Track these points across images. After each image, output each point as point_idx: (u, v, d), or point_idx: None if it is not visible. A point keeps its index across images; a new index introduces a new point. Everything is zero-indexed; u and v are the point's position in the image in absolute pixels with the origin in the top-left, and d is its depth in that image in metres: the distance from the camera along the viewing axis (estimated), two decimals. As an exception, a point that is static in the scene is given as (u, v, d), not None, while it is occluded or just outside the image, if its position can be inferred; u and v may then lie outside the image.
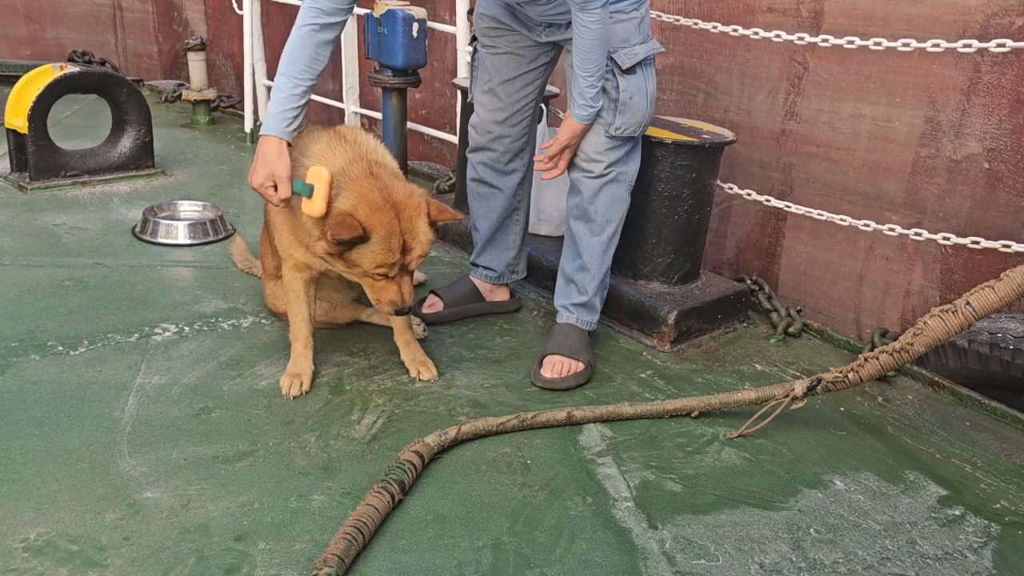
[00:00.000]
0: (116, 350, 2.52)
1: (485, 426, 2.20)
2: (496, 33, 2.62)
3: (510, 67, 2.62)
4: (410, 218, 2.20)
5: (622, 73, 2.42)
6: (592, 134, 2.48)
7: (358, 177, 2.21)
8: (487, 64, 2.67)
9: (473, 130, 2.75)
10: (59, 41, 6.99)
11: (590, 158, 2.50)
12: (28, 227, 3.46)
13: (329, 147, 2.31)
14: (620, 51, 2.40)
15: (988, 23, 3.08)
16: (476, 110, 2.74)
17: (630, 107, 2.44)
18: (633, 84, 2.44)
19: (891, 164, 3.42)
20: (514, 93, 2.65)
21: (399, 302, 2.23)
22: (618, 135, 2.47)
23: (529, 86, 2.64)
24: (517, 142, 2.72)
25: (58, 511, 1.84)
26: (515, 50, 2.59)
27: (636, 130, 2.49)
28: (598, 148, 2.48)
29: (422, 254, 2.24)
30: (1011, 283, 2.08)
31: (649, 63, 2.49)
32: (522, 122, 2.69)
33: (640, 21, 2.44)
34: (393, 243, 2.17)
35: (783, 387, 2.29)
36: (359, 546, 1.75)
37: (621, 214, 2.60)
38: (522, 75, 2.63)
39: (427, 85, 4.86)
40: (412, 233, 2.20)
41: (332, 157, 2.28)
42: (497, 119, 2.68)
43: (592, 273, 2.63)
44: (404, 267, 2.22)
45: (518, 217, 2.86)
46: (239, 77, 5.95)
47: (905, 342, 2.19)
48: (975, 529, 2.00)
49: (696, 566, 1.81)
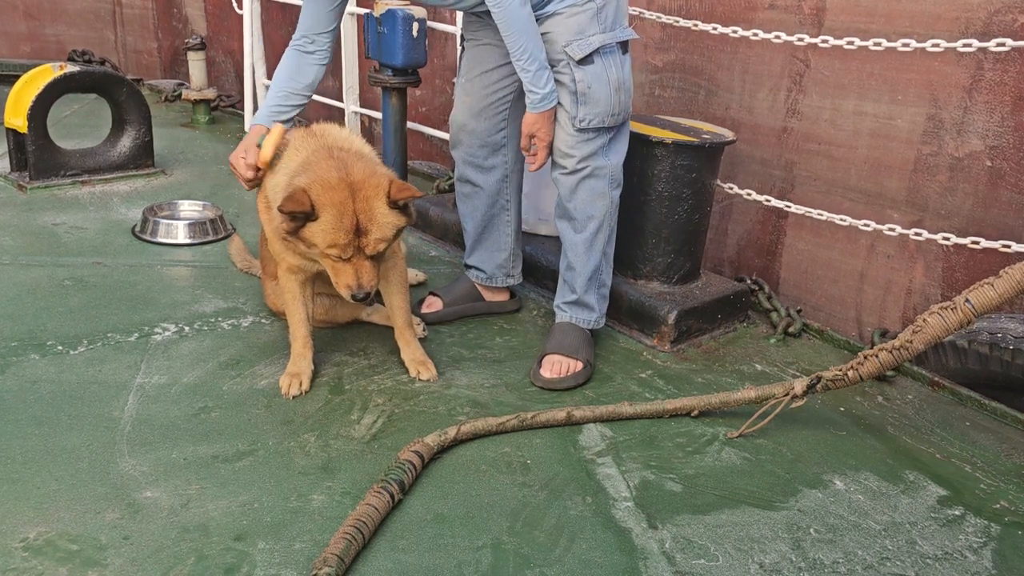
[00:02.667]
0: (116, 350, 2.52)
1: (485, 426, 2.20)
2: (476, 27, 2.62)
3: (489, 59, 2.61)
4: (367, 198, 2.14)
5: (577, 64, 2.40)
6: (560, 129, 2.47)
7: (318, 160, 2.21)
8: (468, 56, 2.67)
9: (451, 124, 2.75)
10: (58, 38, 6.99)
11: (563, 153, 2.49)
12: (28, 227, 3.46)
13: (295, 144, 2.33)
14: (573, 43, 2.39)
15: (991, 20, 3.07)
16: (454, 103, 2.74)
17: (590, 97, 2.42)
18: (591, 74, 2.41)
19: (893, 161, 3.41)
20: (490, 85, 2.63)
21: (354, 287, 2.17)
22: (585, 127, 2.45)
23: (505, 79, 2.61)
24: (493, 136, 2.68)
25: (58, 511, 1.84)
26: (494, 42, 2.56)
27: (604, 120, 2.46)
28: (568, 142, 2.47)
29: (381, 237, 2.17)
30: (1010, 280, 2.07)
31: (610, 51, 2.44)
32: (497, 116, 2.66)
33: (597, 12, 2.40)
34: (345, 222, 2.12)
35: (783, 386, 2.29)
36: (359, 546, 1.75)
37: (604, 210, 2.56)
38: (499, 67, 2.60)
39: (427, 82, 4.85)
40: (368, 214, 2.14)
41: (297, 152, 2.30)
42: (472, 111, 2.67)
43: (578, 271, 2.62)
44: (360, 250, 2.16)
45: (507, 218, 2.82)
46: (239, 74, 5.95)
47: (905, 340, 2.18)
48: (975, 529, 1.99)
49: (696, 566, 1.81)
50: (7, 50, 6.74)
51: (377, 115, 4.28)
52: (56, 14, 6.98)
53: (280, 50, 2.64)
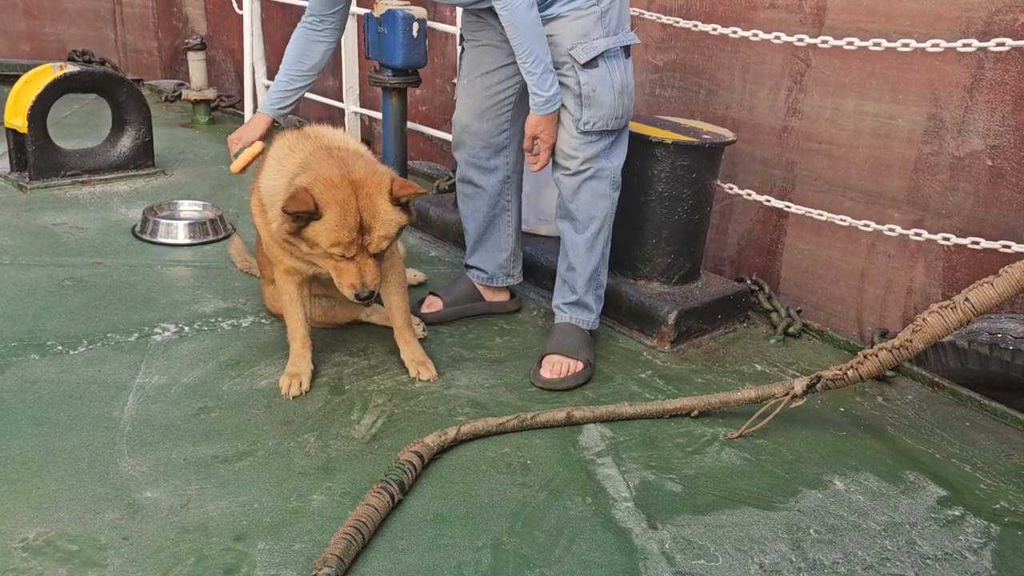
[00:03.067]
0: (116, 350, 2.52)
1: (485, 426, 2.20)
2: (476, 27, 2.62)
3: (489, 59, 2.61)
4: (369, 195, 2.13)
5: (581, 68, 2.40)
6: (563, 131, 2.48)
7: (318, 160, 2.20)
8: (468, 57, 2.67)
9: (453, 126, 2.75)
10: (58, 37, 6.99)
11: (566, 155, 2.50)
12: (28, 227, 3.46)
13: (290, 146, 2.33)
14: (577, 47, 2.40)
15: (991, 19, 3.07)
16: (456, 104, 2.74)
17: (594, 100, 2.43)
18: (595, 77, 2.42)
19: (893, 161, 3.41)
20: (492, 86, 2.63)
21: (358, 286, 2.15)
22: (588, 129, 2.45)
23: (507, 80, 2.61)
24: (496, 137, 2.69)
25: (57, 511, 1.84)
26: (495, 43, 2.57)
27: (608, 123, 2.47)
28: (572, 144, 2.48)
29: (385, 235, 2.16)
30: (1010, 279, 2.07)
31: (614, 55, 2.45)
32: (499, 117, 2.66)
33: (600, 16, 2.41)
34: (349, 220, 2.11)
35: (783, 385, 2.29)
36: (359, 546, 1.75)
37: (605, 211, 2.57)
38: (500, 68, 2.60)
39: (427, 82, 4.85)
40: (372, 211, 2.13)
41: (294, 154, 2.29)
42: (474, 112, 2.67)
43: (579, 271, 2.62)
44: (364, 248, 2.16)
45: (508, 219, 2.83)
46: (239, 74, 5.94)
47: (904, 339, 2.18)
48: (975, 529, 1.99)
49: (696, 566, 1.81)
50: (7, 49, 6.73)
51: (377, 115, 4.28)
52: (56, 13, 6.98)
53: (280, 50, 2.64)
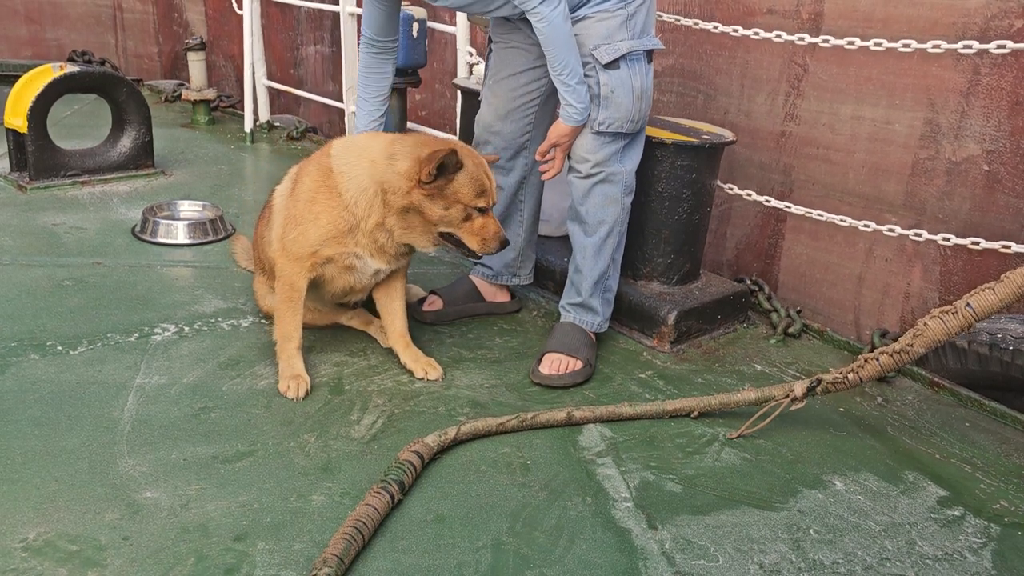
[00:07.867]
0: (116, 350, 2.52)
1: (485, 426, 2.20)
2: (505, 28, 2.64)
3: (516, 61, 2.63)
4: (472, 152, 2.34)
5: (603, 68, 2.42)
6: (580, 133, 2.49)
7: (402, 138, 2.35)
8: (495, 58, 2.70)
9: (477, 125, 2.77)
10: (59, 42, 7.00)
11: (579, 157, 2.51)
12: (28, 227, 3.46)
13: (335, 158, 2.35)
14: (601, 47, 2.41)
15: (987, 25, 3.09)
16: (481, 105, 2.76)
17: (612, 101, 2.44)
18: (615, 79, 2.43)
19: (890, 166, 3.42)
20: (517, 88, 2.65)
21: (501, 232, 2.33)
22: (603, 131, 2.47)
23: (533, 83, 2.64)
24: (517, 139, 2.71)
25: (57, 511, 1.84)
26: (523, 45, 2.60)
27: (623, 126, 2.48)
28: (586, 146, 2.49)
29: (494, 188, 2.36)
30: (1011, 285, 2.08)
31: (636, 58, 2.46)
32: (524, 119, 2.69)
33: (627, 19, 2.43)
34: (483, 168, 2.30)
35: (783, 388, 2.29)
36: (359, 546, 1.75)
37: (615, 215, 2.58)
38: (527, 71, 2.63)
39: (427, 86, 4.86)
40: (485, 168, 2.32)
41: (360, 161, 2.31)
42: (498, 113, 2.69)
43: (585, 274, 2.63)
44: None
45: (520, 219, 2.85)
46: (239, 79, 5.95)
47: (905, 343, 2.19)
48: (975, 530, 2.00)
49: (696, 566, 1.81)
50: (8, 54, 6.74)
51: (377, 117, 4.28)
52: (57, 18, 6.99)
53: (280, 53, 2.65)
